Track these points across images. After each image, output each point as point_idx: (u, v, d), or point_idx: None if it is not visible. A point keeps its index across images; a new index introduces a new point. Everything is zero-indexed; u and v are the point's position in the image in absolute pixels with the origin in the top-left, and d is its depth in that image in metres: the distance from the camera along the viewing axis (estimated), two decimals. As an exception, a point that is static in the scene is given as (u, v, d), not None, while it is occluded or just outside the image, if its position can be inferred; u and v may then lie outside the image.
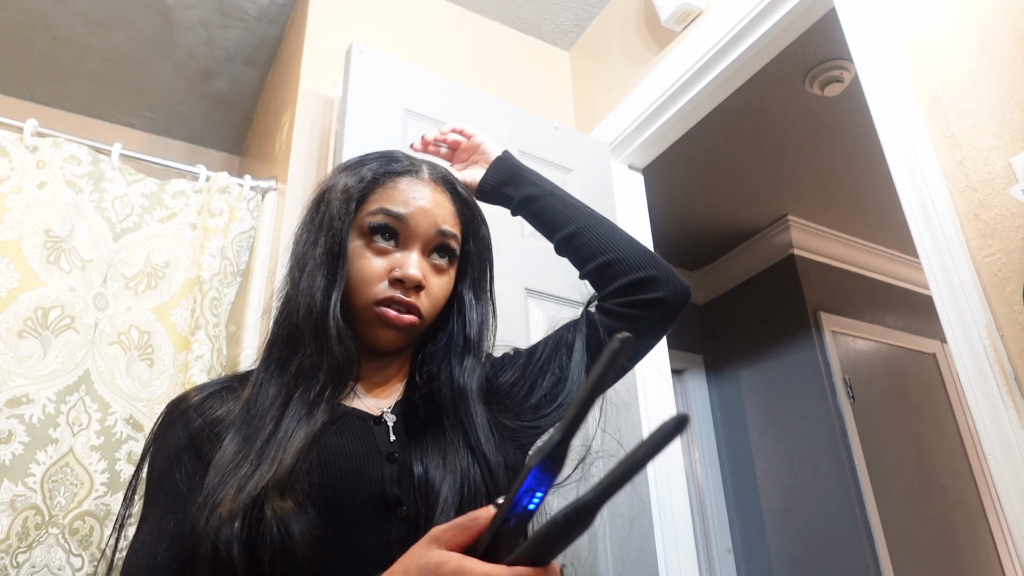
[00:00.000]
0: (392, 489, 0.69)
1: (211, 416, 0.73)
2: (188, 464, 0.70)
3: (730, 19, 1.59)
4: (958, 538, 2.87)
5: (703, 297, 3.65)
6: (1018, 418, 0.95)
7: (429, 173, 0.83)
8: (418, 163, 0.84)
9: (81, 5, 2.01)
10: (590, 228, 0.89)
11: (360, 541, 0.66)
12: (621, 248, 0.87)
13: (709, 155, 2.77)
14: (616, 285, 0.85)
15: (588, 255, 0.88)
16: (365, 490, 0.67)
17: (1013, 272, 0.99)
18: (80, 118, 2.42)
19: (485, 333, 0.84)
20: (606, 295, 0.87)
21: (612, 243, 0.88)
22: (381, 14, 1.91)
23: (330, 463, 0.68)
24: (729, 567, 3.04)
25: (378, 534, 0.66)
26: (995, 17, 1.08)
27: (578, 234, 0.89)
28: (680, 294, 0.86)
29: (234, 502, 0.62)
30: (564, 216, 0.91)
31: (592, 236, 0.89)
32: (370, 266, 0.77)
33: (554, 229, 0.92)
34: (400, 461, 0.71)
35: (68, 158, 1.51)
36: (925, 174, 1.11)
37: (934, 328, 3.35)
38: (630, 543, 1.37)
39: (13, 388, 1.29)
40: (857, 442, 2.77)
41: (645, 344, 0.89)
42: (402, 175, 0.81)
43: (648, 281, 0.84)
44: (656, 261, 0.87)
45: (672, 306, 0.85)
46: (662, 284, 0.85)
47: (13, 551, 1.20)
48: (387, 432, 0.74)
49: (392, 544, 0.66)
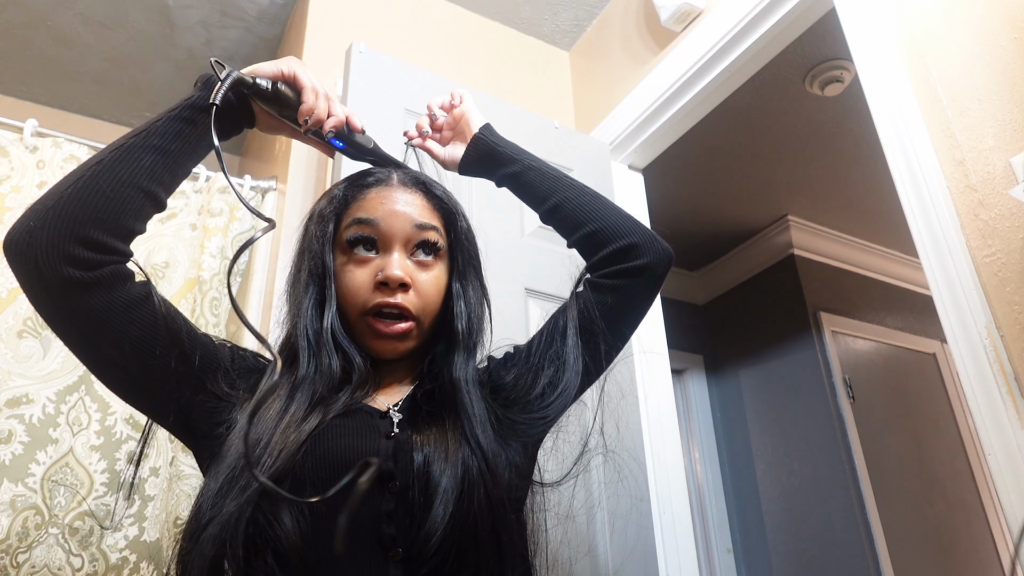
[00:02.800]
0: (386, 463, 0.70)
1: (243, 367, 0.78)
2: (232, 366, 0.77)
3: (730, 19, 1.59)
4: (958, 538, 2.87)
5: (703, 297, 3.65)
6: (1018, 418, 0.95)
7: (398, 178, 0.85)
8: (387, 172, 0.86)
9: (81, 5, 2.01)
10: (573, 198, 0.91)
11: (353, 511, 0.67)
12: (604, 216, 0.89)
13: (709, 155, 2.77)
14: (601, 254, 0.87)
15: (573, 225, 0.90)
16: (361, 459, 0.69)
17: (1013, 272, 0.99)
18: (80, 118, 2.42)
19: (476, 324, 0.84)
20: (593, 265, 0.89)
21: (595, 212, 0.90)
22: (381, 14, 1.91)
23: (323, 439, 0.70)
24: (729, 567, 3.04)
25: (368, 506, 0.68)
26: (995, 17, 1.08)
27: (561, 205, 0.91)
28: (663, 257, 0.87)
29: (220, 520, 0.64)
30: (546, 188, 0.92)
31: (575, 206, 0.90)
32: (355, 277, 0.79)
33: (538, 201, 0.94)
34: (397, 439, 0.73)
35: (68, 158, 1.51)
36: (925, 174, 1.11)
37: (934, 328, 3.35)
38: (630, 543, 1.37)
39: (13, 388, 1.29)
40: (857, 442, 2.77)
41: (637, 312, 0.90)
42: (371, 186, 0.83)
43: (631, 248, 0.86)
44: (638, 226, 0.89)
45: (657, 271, 0.87)
46: (645, 250, 0.86)
47: (13, 551, 1.20)
48: (391, 424, 0.76)
49: (382, 516, 0.68)
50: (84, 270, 0.66)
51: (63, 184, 0.68)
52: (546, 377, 0.82)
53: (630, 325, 0.89)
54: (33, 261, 0.65)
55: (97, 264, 0.67)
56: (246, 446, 0.63)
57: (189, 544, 0.65)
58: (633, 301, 0.87)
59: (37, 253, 0.64)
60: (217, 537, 0.63)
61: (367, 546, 0.67)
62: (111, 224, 0.68)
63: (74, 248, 0.65)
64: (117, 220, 0.69)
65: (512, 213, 1.56)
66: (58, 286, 0.65)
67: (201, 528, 0.64)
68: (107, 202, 0.68)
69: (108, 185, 0.68)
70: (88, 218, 0.66)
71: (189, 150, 0.75)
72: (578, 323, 0.85)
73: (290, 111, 0.81)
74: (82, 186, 0.67)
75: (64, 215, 0.66)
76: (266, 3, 2.02)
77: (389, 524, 0.68)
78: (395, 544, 0.68)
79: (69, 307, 0.66)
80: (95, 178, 0.68)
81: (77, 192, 0.67)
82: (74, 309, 0.66)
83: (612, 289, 0.86)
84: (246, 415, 0.67)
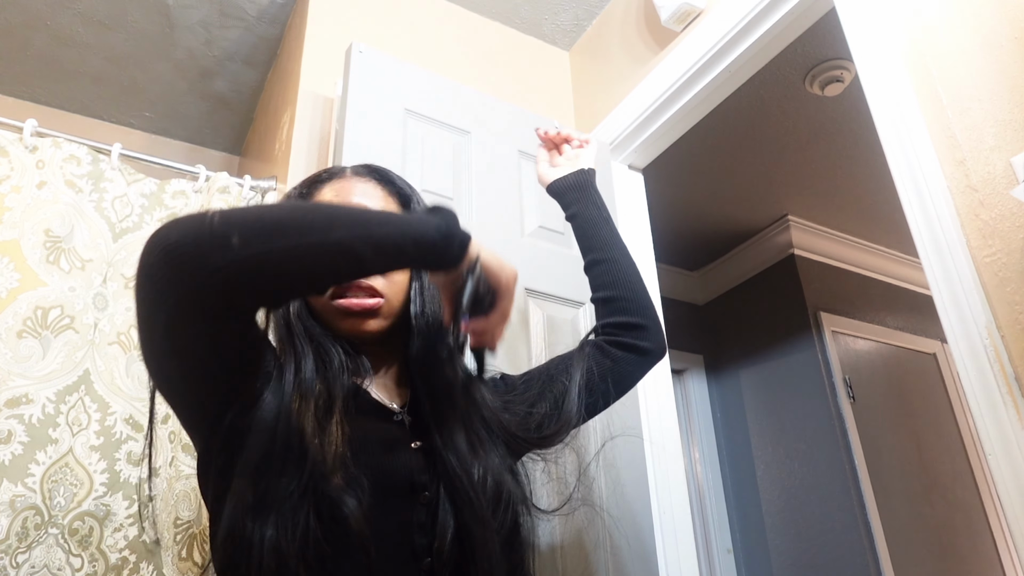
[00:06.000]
0: (420, 476, 0.72)
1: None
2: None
3: (730, 19, 1.59)
4: (958, 538, 2.87)
5: (703, 297, 3.65)
6: (1018, 418, 0.95)
7: (352, 170, 0.87)
8: (341, 169, 0.87)
9: (81, 5, 2.01)
10: (617, 261, 0.99)
11: (381, 522, 0.68)
12: (637, 291, 0.98)
13: (709, 155, 2.77)
14: (616, 320, 0.95)
15: (604, 283, 0.98)
16: (395, 473, 0.71)
17: (1013, 272, 0.99)
18: (80, 118, 2.42)
19: (437, 310, 0.83)
20: (603, 325, 0.96)
21: (628, 282, 0.98)
22: (381, 14, 1.91)
23: (363, 447, 0.70)
24: (729, 567, 3.04)
25: (401, 516, 0.70)
26: (995, 17, 1.08)
27: (605, 262, 0.99)
28: (662, 349, 0.98)
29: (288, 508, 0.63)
30: (602, 242, 1.01)
31: (615, 268, 0.98)
32: None
33: (589, 249, 1.01)
34: (423, 450, 0.75)
35: (68, 158, 1.51)
36: (925, 174, 1.11)
37: (934, 328, 3.35)
38: (630, 542, 1.37)
39: (13, 388, 1.29)
40: (857, 442, 2.77)
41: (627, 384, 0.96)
42: (325, 181, 0.86)
43: (641, 328, 0.95)
44: (655, 315, 0.98)
45: (653, 358, 0.97)
46: (651, 335, 0.96)
47: (13, 551, 1.20)
48: (405, 428, 0.77)
49: (414, 527, 0.70)
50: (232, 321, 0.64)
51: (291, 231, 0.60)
52: (546, 405, 0.86)
53: (614, 397, 0.95)
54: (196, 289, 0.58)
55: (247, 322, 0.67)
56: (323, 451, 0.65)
57: (248, 533, 0.62)
58: (624, 378, 0.95)
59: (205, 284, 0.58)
60: (275, 539, 0.61)
61: (400, 556, 0.68)
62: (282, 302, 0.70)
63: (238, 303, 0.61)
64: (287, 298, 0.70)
65: (512, 213, 1.56)
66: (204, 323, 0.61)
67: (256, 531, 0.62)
68: (299, 285, 0.65)
69: (314, 275, 0.63)
70: (276, 288, 0.62)
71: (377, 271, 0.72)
72: (585, 374, 0.90)
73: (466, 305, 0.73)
74: (301, 255, 0.60)
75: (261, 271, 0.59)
76: (266, 3, 2.02)
77: (421, 535, 0.69)
78: (427, 554, 0.69)
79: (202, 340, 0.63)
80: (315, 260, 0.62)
81: (291, 259, 0.60)
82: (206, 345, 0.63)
83: (611, 358, 0.93)
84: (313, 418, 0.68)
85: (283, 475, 0.64)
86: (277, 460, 0.65)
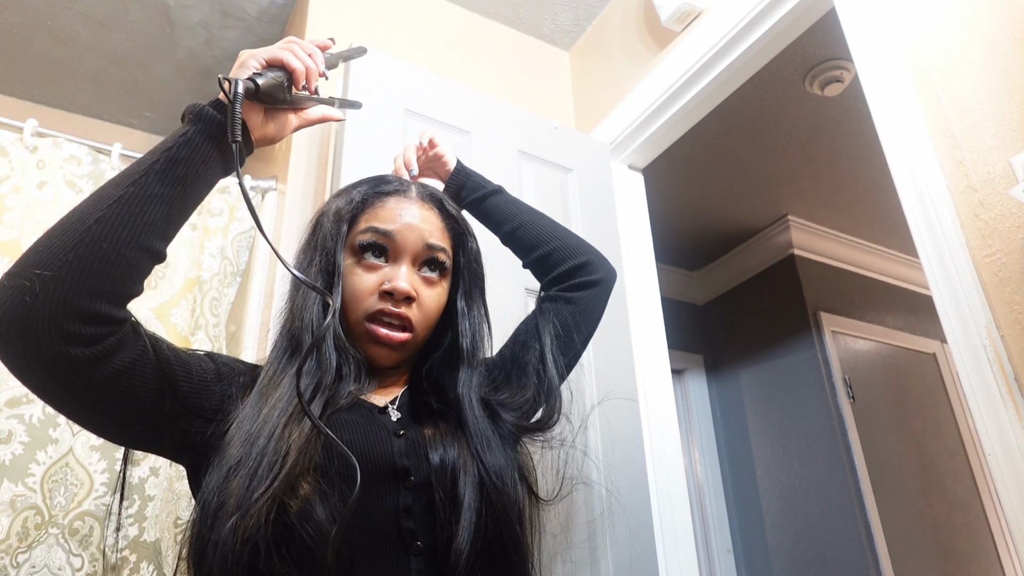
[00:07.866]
0: (402, 460, 0.72)
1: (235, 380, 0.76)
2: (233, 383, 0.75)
3: (730, 19, 1.59)
4: (958, 538, 2.87)
5: (703, 297, 3.65)
6: (1018, 418, 0.95)
7: (417, 192, 0.88)
8: (407, 183, 0.88)
9: (81, 5, 2.01)
10: (532, 223, 1.01)
11: (367, 508, 0.69)
12: (560, 238, 1.00)
13: (709, 155, 2.77)
14: (559, 271, 0.97)
15: (530, 246, 1.00)
16: (375, 459, 0.71)
17: (1013, 272, 0.99)
18: (80, 118, 2.42)
19: (479, 343, 0.87)
20: (550, 281, 0.98)
21: (552, 234, 1.00)
22: (381, 14, 1.91)
23: (339, 436, 0.70)
24: (729, 567, 3.04)
25: (386, 501, 0.70)
26: (995, 17, 1.08)
27: (521, 228, 1.01)
28: (612, 275, 1.01)
29: (251, 511, 0.62)
30: (507, 213, 1.02)
31: (533, 229, 1.00)
32: (360, 281, 0.81)
33: (498, 224, 1.03)
34: (407, 437, 0.75)
35: (68, 158, 1.51)
36: (925, 174, 1.11)
37: (934, 328, 3.35)
38: (630, 543, 1.37)
39: (13, 388, 1.29)
40: (857, 442, 2.77)
41: (593, 322, 0.98)
42: (390, 195, 0.86)
43: (586, 264, 0.98)
44: (590, 247, 1.01)
45: (608, 285, 0.99)
46: (598, 267, 0.99)
47: (13, 551, 1.20)
48: (393, 421, 0.78)
49: (400, 512, 0.70)
50: (87, 346, 0.59)
51: (56, 246, 0.59)
52: (529, 382, 0.88)
53: (588, 334, 0.97)
54: (33, 342, 0.57)
55: (101, 338, 0.61)
56: (299, 395, 0.66)
57: (207, 534, 0.63)
58: (591, 312, 0.97)
59: (38, 333, 0.57)
60: (240, 527, 0.61)
61: (387, 540, 0.69)
62: (115, 294, 0.62)
63: (76, 326, 0.58)
64: (122, 288, 0.62)
65: (512, 213, 1.56)
66: (60, 367, 0.59)
67: (224, 516, 0.63)
68: (111, 269, 0.61)
69: (111, 249, 0.61)
70: (91, 291, 0.59)
71: (193, 194, 0.69)
72: (554, 339, 0.91)
73: (283, 93, 0.75)
74: (83, 252, 0.59)
75: (64, 288, 0.58)
76: (266, 3, 2.02)
77: (407, 519, 0.70)
78: (415, 537, 0.69)
79: (71, 385, 0.60)
80: (96, 242, 0.60)
81: (77, 259, 0.59)
82: (75, 386, 0.61)
83: (571, 301, 0.95)
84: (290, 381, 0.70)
85: (254, 478, 0.64)
86: (253, 464, 0.66)
